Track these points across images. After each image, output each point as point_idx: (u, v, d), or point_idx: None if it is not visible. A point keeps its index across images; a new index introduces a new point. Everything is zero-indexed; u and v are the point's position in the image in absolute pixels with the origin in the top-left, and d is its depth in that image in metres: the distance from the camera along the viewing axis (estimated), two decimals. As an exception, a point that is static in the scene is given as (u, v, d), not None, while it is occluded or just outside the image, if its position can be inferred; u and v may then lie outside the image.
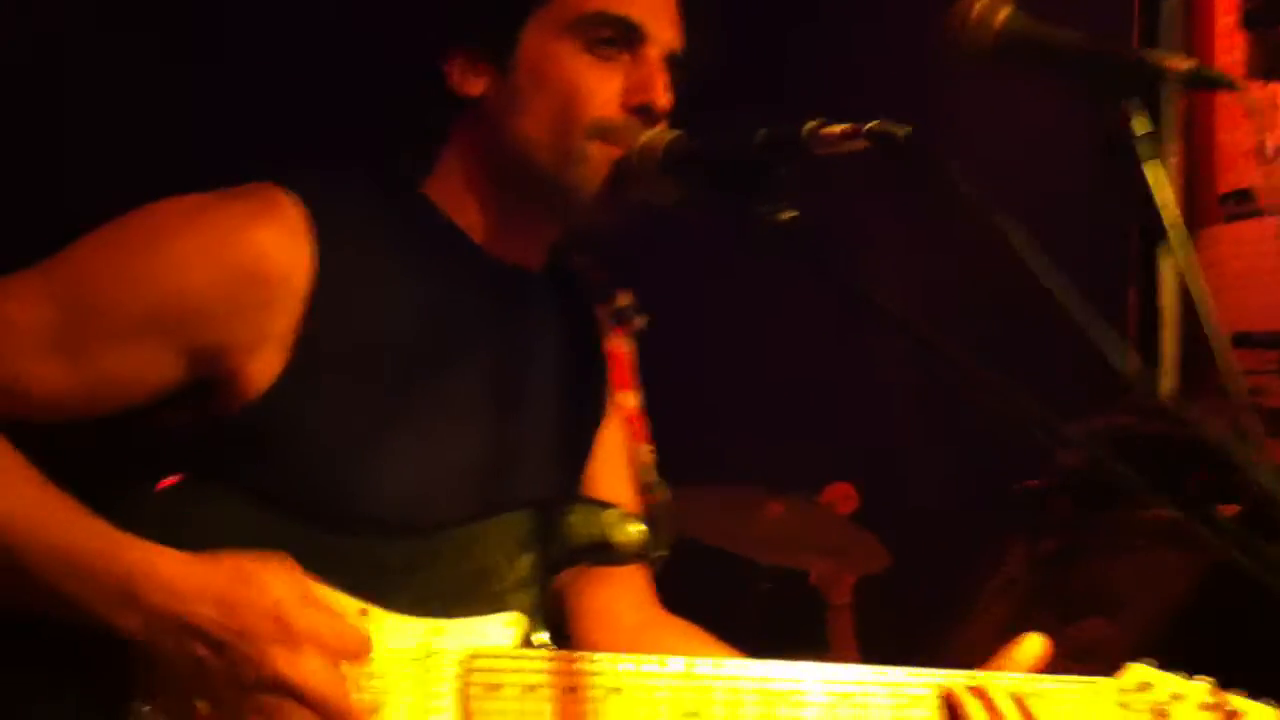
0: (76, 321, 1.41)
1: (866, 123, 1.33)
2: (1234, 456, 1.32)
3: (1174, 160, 3.43)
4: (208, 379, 1.45)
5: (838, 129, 1.33)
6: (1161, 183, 1.45)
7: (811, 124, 1.35)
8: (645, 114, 1.52)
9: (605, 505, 1.55)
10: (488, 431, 1.57)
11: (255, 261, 1.42)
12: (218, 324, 1.43)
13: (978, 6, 1.40)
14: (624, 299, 1.62)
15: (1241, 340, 3.29)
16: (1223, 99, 3.29)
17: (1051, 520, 2.91)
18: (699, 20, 1.63)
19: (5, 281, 1.44)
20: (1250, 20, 3.10)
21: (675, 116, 1.56)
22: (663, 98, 1.52)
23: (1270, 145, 3.23)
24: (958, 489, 3.35)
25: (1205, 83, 1.49)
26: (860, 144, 1.31)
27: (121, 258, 1.44)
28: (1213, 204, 3.30)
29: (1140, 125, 1.48)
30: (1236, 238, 3.22)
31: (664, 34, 1.56)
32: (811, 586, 3.17)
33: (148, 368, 1.43)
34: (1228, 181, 3.27)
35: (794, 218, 1.34)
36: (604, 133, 1.51)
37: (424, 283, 1.53)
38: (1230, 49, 3.18)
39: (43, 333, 1.41)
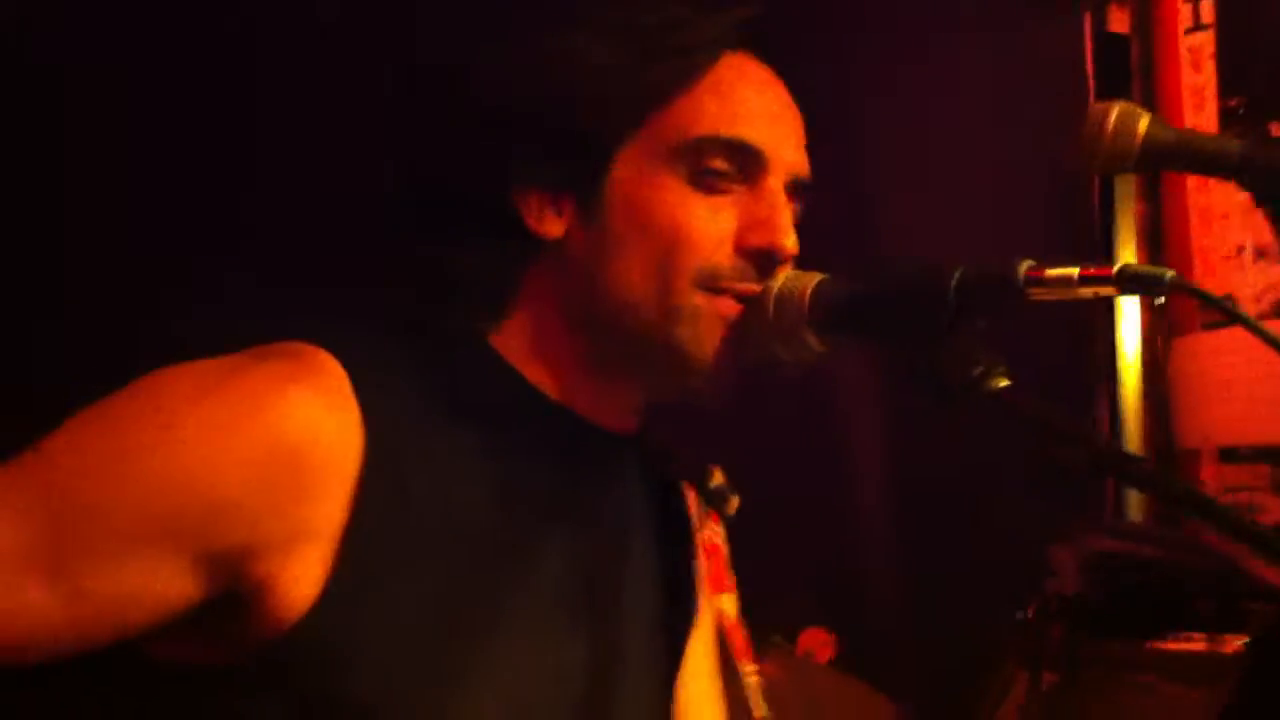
0: (63, 532, 1.08)
1: (1101, 264, 1.06)
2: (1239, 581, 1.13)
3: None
4: (229, 595, 1.12)
5: (1072, 271, 1.04)
6: None
7: (1027, 263, 1.07)
8: (765, 260, 1.23)
9: None
10: (584, 635, 1.27)
11: (291, 440, 1.11)
12: (245, 522, 1.11)
13: (1113, 118, 1.25)
14: (718, 476, 1.29)
15: (1229, 455, 3.13)
16: (1197, 200, 3.14)
17: (1050, 651, 2.73)
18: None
19: None
20: (1230, 117, 2.96)
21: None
22: (788, 240, 1.23)
23: (1250, 248, 3.08)
24: (948, 625, 3.10)
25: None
26: (1109, 289, 1.03)
27: (121, 447, 1.11)
28: (1191, 311, 3.13)
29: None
30: (1216, 347, 3.04)
31: (788, 157, 1.27)
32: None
33: (153, 583, 1.10)
34: (1206, 287, 3.10)
35: (1008, 385, 1.06)
36: (716, 283, 1.23)
37: (500, 454, 1.23)
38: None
39: (19, 550, 1.07)
